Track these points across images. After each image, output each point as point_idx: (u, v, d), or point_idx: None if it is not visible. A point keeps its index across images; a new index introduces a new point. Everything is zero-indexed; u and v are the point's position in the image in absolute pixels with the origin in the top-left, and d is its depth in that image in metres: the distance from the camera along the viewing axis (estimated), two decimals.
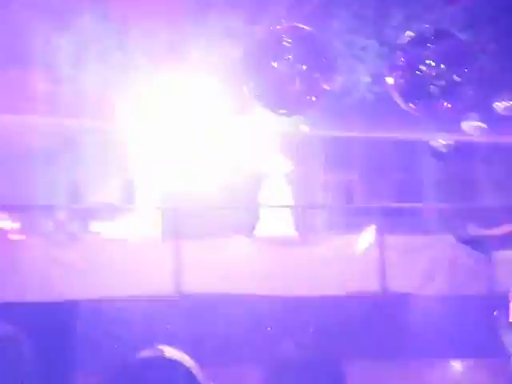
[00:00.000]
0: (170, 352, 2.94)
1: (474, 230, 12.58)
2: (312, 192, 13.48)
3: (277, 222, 11.86)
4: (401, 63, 6.14)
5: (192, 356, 3.01)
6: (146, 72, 12.29)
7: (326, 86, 6.06)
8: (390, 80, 6.31)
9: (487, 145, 13.13)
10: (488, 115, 12.54)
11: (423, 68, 5.99)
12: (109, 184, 13.12)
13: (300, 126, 12.75)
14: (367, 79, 12.84)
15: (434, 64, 5.96)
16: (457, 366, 8.89)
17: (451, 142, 12.99)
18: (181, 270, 9.25)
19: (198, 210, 12.30)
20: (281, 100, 6.10)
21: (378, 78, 12.74)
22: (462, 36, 6.27)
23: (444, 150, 13.10)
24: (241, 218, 11.73)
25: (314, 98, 6.13)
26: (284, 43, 5.90)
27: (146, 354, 2.85)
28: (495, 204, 13.43)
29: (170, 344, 3.01)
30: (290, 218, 12.53)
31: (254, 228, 11.47)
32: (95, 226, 12.93)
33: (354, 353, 7.97)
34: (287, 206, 12.82)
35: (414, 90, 6.10)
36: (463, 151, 13.09)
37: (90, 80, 12.32)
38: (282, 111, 6.43)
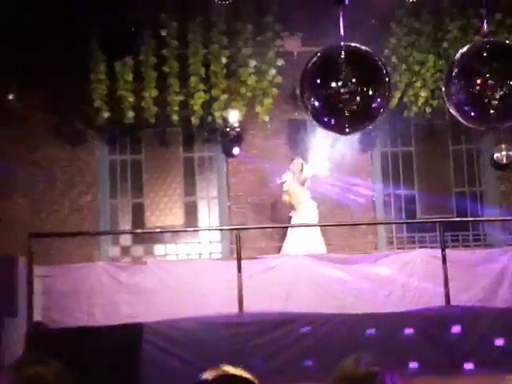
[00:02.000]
0: (235, 371, 2.98)
1: None
2: (371, 208, 13.43)
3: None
4: (458, 77, 6.15)
5: (257, 375, 3.06)
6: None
7: (383, 103, 6.10)
8: (447, 94, 6.34)
9: None
10: None
11: (480, 81, 6.00)
12: (171, 207, 13.26)
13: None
14: (425, 94, 12.75)
15: (491, 77, 5.97)
16: None
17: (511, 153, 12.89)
18: (243, 289, 9.32)
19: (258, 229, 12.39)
20: (339, 119, 6.14)
21: (435, 93, 12.70)
22: None
23: (504, 161, 12.99)
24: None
25: (372, 115, 6.18)
26: (341, 62, 5.95)
27: (210, 374, 2.90)
28: None
29: (235, 363, 3.06)
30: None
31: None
32: (159, 248, 13.10)
33: (417, 368, 7.97)
34: (345, 224, 12.77)
35: (472, 103, 6.11)
36: None
37: None
38: (340, 130, 6.48)
